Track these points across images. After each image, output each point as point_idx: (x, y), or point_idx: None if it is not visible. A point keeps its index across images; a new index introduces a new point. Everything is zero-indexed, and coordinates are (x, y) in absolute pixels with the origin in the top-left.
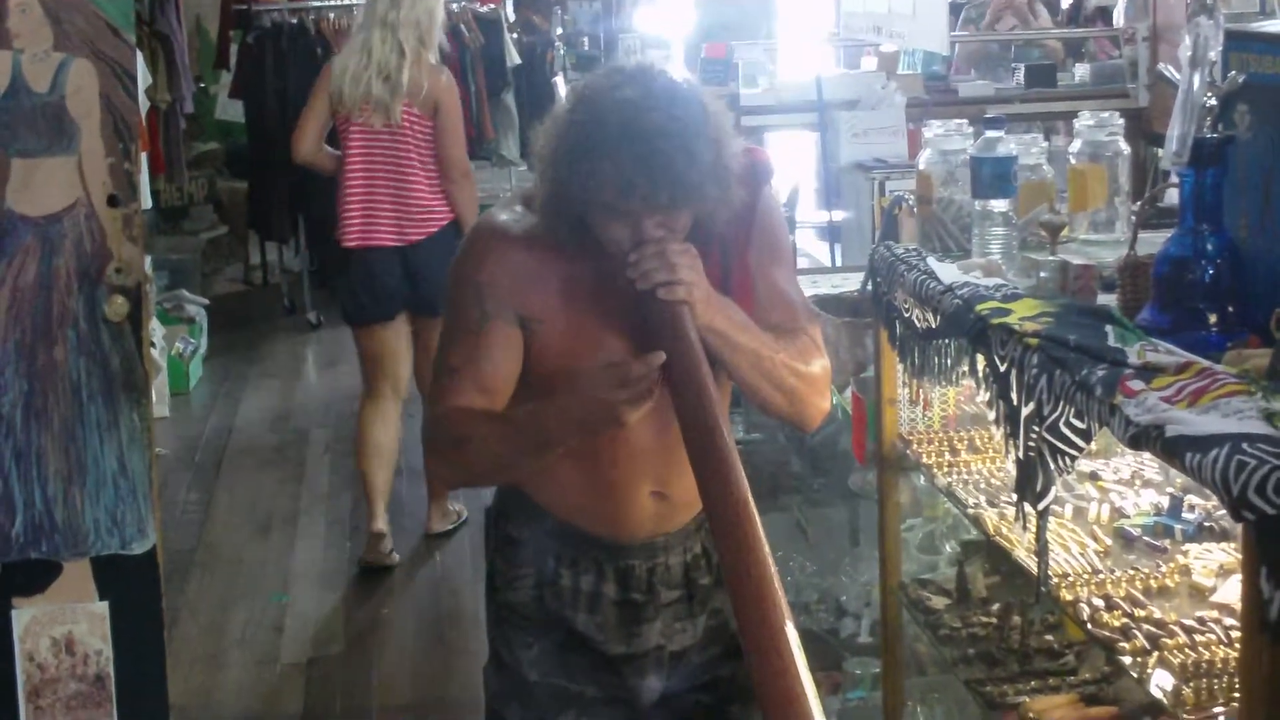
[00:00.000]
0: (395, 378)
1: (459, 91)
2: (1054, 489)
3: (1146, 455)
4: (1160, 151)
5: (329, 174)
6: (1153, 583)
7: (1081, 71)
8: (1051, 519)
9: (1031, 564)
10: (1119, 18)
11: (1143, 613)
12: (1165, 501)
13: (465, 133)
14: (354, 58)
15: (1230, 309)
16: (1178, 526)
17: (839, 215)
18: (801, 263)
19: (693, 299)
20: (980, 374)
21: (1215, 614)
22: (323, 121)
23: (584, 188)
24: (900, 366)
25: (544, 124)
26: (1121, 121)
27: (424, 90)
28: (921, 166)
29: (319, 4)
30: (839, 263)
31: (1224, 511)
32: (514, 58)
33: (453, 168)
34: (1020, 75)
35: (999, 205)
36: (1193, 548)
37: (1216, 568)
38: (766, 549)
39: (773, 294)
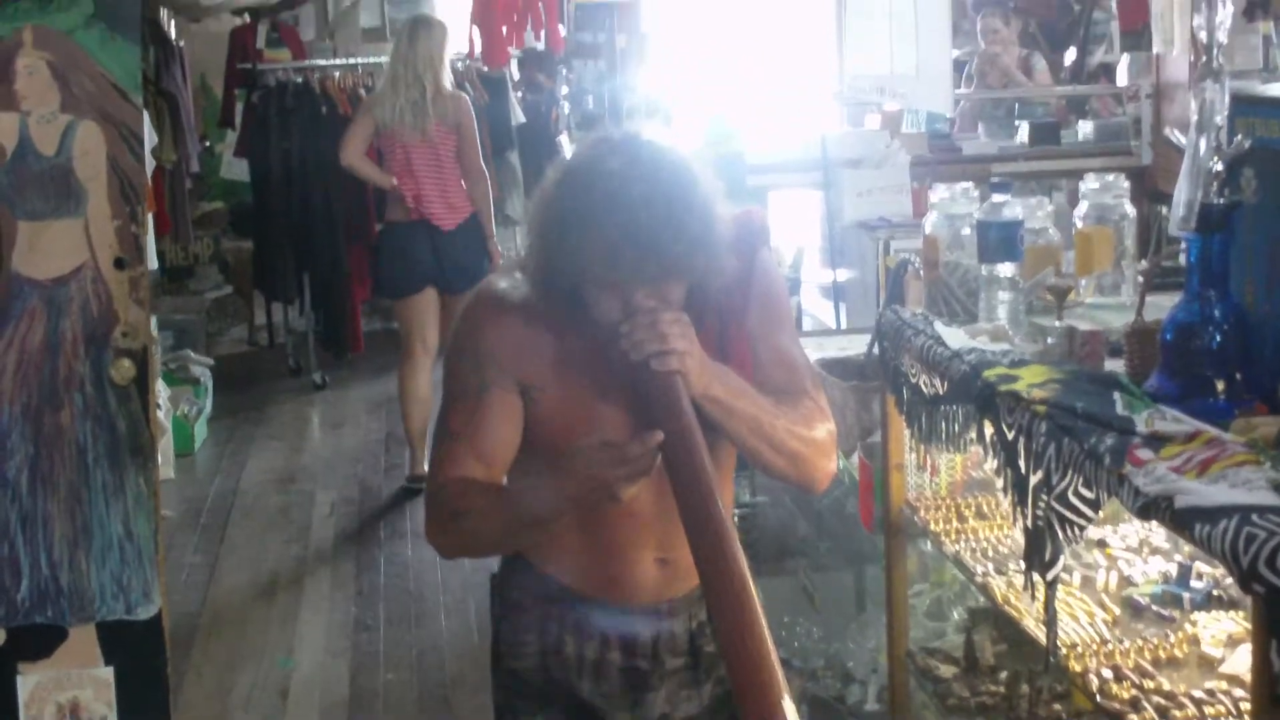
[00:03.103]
0: (425, 340)
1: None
2: (1062, 558)
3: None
4: (1164, 209)
5: (368, 180)
6: (1161, 653)
7: (1085, 129)
8: (1059, 587)
9: (1040, 633)
10: (1122, 75)
11: (1152, 684)
12: (1173, 569)
13: None
14: (386, 93)
15: (1238, 376)
16: (1186, 595)
17: (843, 274)
18: (806, 323)
19: (686, 368)
20: (988, 441)
21: (1224, 685)
22: (364, 137)
23: (572, 261)
24: (907, 432)
25: (533, 196)
26: (1127, 185)
27: (449, 112)
28: (928, 230)
29: (324, 63)
30: (844, 322)
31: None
32: (519, 116)
33: (472, 170)
34: (1024, 133)
35: (1005, 269)
36: (1201, 617)
37: (1225, 637)
38: (764, 623)
39: (774, 357)
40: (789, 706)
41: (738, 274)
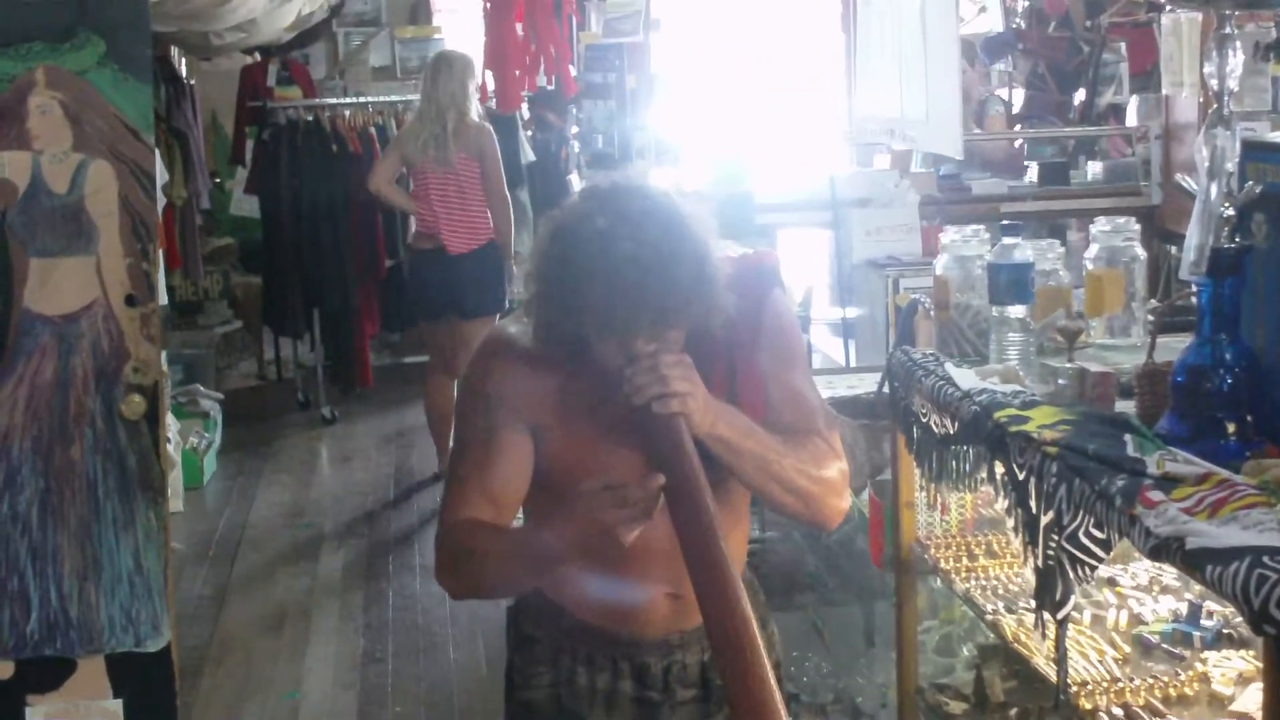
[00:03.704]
0: (448, 362)
1: None
2: (1073, 598)
3: None
4: (1174, 250)
5: (398, 207)
6: (1172, 691)
7: (1094, 169)
8: (1070, 625)
9: (1050, 671)
10: (1131, 116)
11: None
12: (1184, 608)
13: None
14: (413, 128)
15: (1249, 418)
16: (1196, 634)
17: (853, 312)
18: (816, 360)
19: (688, 409)
20: (999, 481)
21: None
22: (392, 167)
23: (568, 315)
24: (918, 471)
25: (529, 251)
26: (1138, 227)
27: (472, 141)
28: (939, 271)
29: (334, 101)
30: (853, 360)
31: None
32: (528, 155)
33: (494, 197)
34: (1033, 173)
35: (1016, 311)
36: (1211, 655)
37: (1235, 676)
38: (766, 663)
39: (786, 397)
40: None
41: (748, 314)
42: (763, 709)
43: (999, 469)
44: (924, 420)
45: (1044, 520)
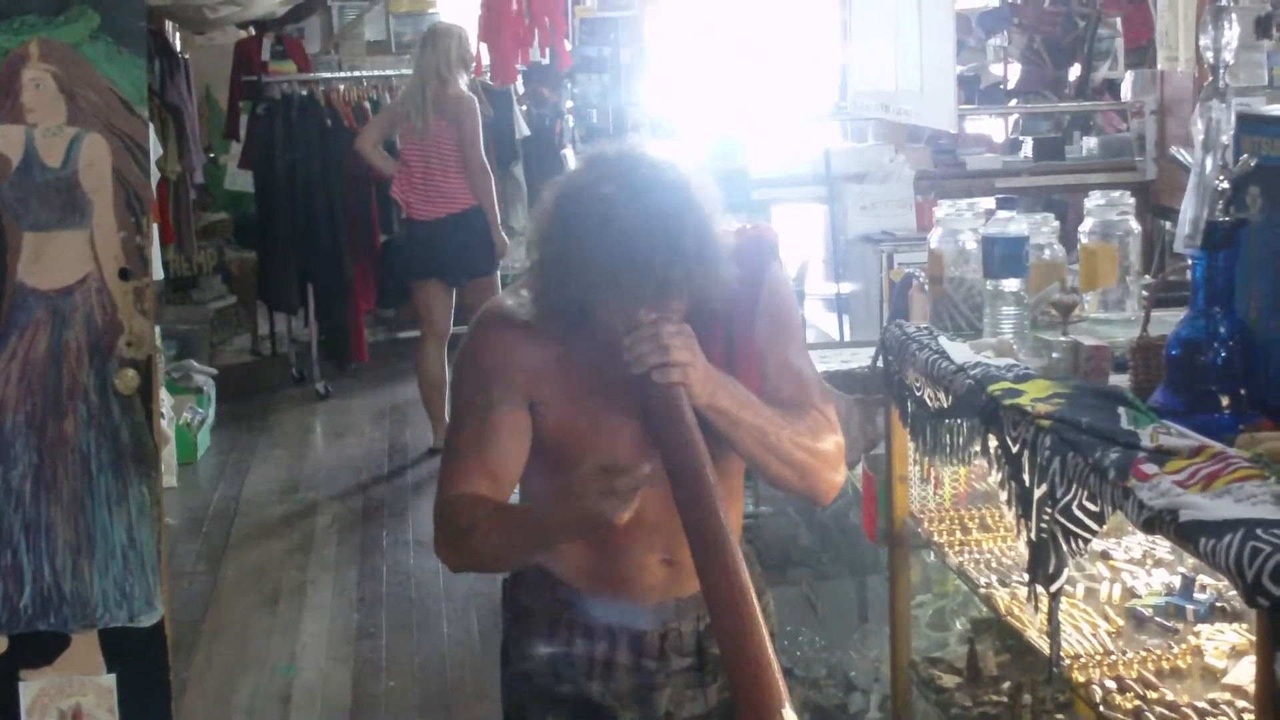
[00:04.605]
0: (433, 324)
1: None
2: (1066, 571)
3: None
4: (1168, 225)
5: (379, 170)
6: (1165, 664)
7: (1089, 144)
8: (1063, 598)
9: (1043, 644)
10: (1126, 91)
11: (1155, 695)
12: (1177, 581)
13: None
14: (402, 94)
15: (1242, 391)
16: (1189, 607)
17: (847, 287)
18: (810, 335)
19: (688, 379)
20: (992, 454)
21: (1228, 696)
22: (379, 130)
23: (572, 283)
24: (911, 445)
25: (532, 214)
26: (1133, 201)
27: (449, 110)
28: (933, 245)
29: (328, 76)
30: (847, 334)
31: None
32: (523, 130)
33: (472, 166)
34: (1028, 148)
35: (1010, 285)
36: (1204, 628)
37: (1229, 649)
38: (764, 631)
39: (783, 370)
40: (789, 715)
41: (746, 287)
42: (758, 676)
43: (993, 443)
44: (918, 394)
45: (1037, 493)
